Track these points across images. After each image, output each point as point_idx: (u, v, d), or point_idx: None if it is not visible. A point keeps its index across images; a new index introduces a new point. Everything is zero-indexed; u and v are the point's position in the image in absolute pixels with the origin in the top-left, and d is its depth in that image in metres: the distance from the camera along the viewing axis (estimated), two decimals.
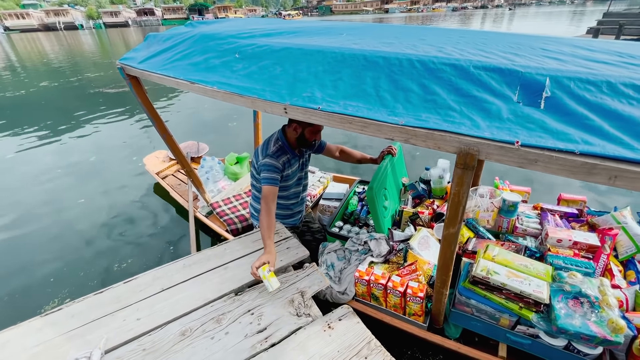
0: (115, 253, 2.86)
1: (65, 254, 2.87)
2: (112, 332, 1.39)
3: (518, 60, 1.13)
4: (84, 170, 4.47)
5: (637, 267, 1.62)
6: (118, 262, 2.75)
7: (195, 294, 1.58)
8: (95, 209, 3.53)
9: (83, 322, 1.43)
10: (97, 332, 1.39)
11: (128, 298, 1.55)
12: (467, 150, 0.98)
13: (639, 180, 0.80)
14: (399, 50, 1.31)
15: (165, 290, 1.60)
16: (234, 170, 3.27)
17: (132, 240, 3.01)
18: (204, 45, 1.80)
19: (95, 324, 1.43)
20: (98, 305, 1.51)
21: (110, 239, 3.05)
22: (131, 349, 1.33)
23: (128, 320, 1.45)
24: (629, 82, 0.94)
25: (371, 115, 1.14)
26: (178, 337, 1.38)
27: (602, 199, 3.32)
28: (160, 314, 1.47)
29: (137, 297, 1.56)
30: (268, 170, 1.80)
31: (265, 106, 1.38)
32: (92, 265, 2.73)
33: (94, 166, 4.58)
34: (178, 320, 1.45)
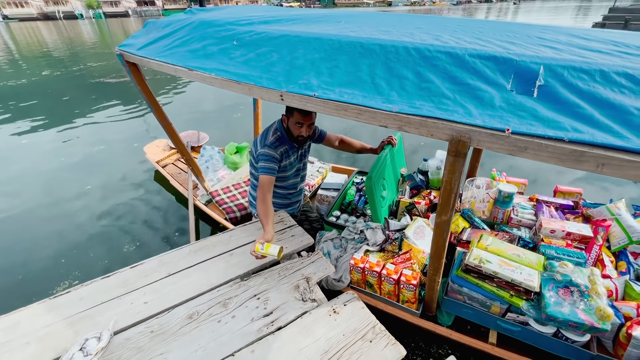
0: (120, 239, 2.90)
1: (73, 239, 2.92)
2: (120, 314, 1.41)
3: (513, 49, 1.13)
4: (88, 158, 4.50)
5: (629, 258, 1.63)
6: (123, 247, 2.80)
7: (201, 279, 1.61)
8: (100, 196, 3.57)
9: (91, 304, 1.46)
10: (106, 314, 1.41)
11: (135, 282, 1.58)
12: (459, 138, 0.99)
13: (625, 168, 0.81)
14: (396, 38, 1.31)
15: (171, 275, 1.62)
16: (234, 160, 3.28)
17: (135, 227, 3.05)
18: (202, 32, 1.80)
19: (104, 306, 1.45)
20: (106, 289, 1.54)
21: (115, 225, 3.09)
22: (139, 331, 1.35)
23: (135, 303, 1.47)
24: (622, 71, 0.94)
25: (366, 102, 1.15)
26: (185, 320, 1.40)
27: (599, 192, 3.32)
28: (167, 298, 1.50)
29: (144, 281, 1.59)
30: (265, 160, 1.81)
31: (261, 93, 1.39)
32: (99, 250, 2.77)
33: (97, 155, 4.61)
34: (185, 304, 1.48)
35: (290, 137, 1.90)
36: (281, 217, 2.10)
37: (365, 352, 1.27)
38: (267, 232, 1.66)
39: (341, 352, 1.27)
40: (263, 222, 1.72)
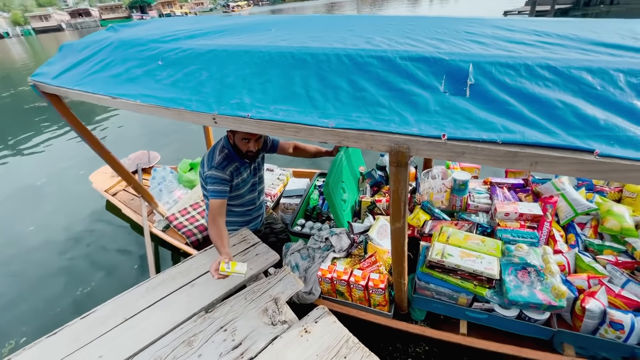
0: (72, 283, 2.65)
1: (16, 288, 2.64)
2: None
3: (443, 47, 1.11)
4: (30, 194, 4.11)
5: (576, 230, 1.72)
6: (76, 292, 2.56)
7: (162, 318, 1.49)
8: (46, 236, 3.26)
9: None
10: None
11: (87, 335, 1.43)
12: (398, 149, 0.96)
13: (555, 164, 0.81)
14: (327, 44, 1.25)
15: (128, 320, 1.49)
16: (189, 178, 3.12)
17: (88, 266, 2.81)
18: (124, 53, 1.64)
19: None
20: (52, 348, 1.38)
21: (65, 267, 2.83)
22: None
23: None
24: (544, 64, 0.94)
25: (302, 119, 1.09)
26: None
27: None
28: (126, 347, 1.37)
29: (98, 332, 1.44)
30: (214, 182, 1.70)
31: (192, 117, 1.28)
32: (48, 299, 2.52)
33: (39, 189, 4.21)
34: (146, 350, 1.36)
35: (239, 153, 1.80)
36: (243, 235, 2.01)
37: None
38: (226, 254, 1.56)
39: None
40: (218, 245, 1.61)
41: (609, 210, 1.64)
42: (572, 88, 0.89)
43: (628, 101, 0.84)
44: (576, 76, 0.90)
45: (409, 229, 1.99)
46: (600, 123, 0.82)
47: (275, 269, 1.79)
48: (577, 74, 0.90)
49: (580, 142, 0.80)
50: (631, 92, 0.85)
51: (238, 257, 1.79)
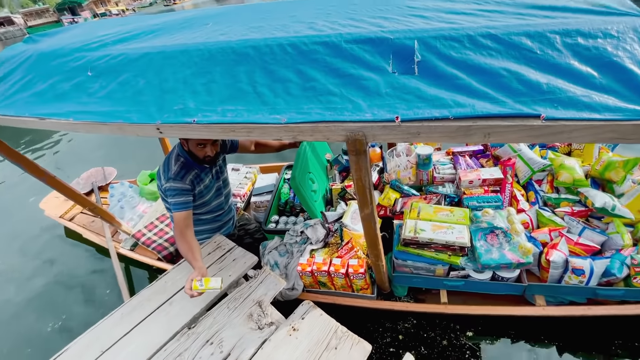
0: (41, 319, 2.47)
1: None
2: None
3: (387, 25, 1.08)
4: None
5: (535, 187, 1.81)
6: (46, 328, 2.39)
7: (143, 343, 1.41)
8: (6, 274, 3.00)
9: None
10: None
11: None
12: (354, 137, 0.93)
13: (507, 133, 0.82)
14: (269, 34, 1.18)
15: (106, 352, 1.40)
16: (151, 190, 2.95)
17: (57, 299, 2.61)
18: (46, 67, 1.47)
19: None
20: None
21: (32, 304, 2.62)
22: None
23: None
24: (486, 32, 0.94)
25: (252, 118, 1.03)
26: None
27: None
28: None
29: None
30: (175, 194, 1.60)
31: (135, 130, 1.18)
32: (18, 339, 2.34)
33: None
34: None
35: (196, 160, 1.70)
36: (217, 242, 1.93)
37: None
38: (199, 268, 1.49)
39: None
40: (189, 259, 1.54)
41: (561, 165, 1.73)
42: (514, 55, 0.90)
43: (566, 62, 0.85)
44: (516, 42, 0.91)
45: (382, 210, 2.01)
46: (544, 87, 0.83)
47: (254, 271, 1.74)
48: (517, 40, 0.91)
49: (527, 108, 0.81)
50: (567, 52, 0.86)
51: (214, 266, 1.72)
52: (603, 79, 0.82)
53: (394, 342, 1.82)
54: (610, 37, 0.86)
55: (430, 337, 1.79)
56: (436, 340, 1.77)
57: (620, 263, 1.39)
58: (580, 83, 0.83)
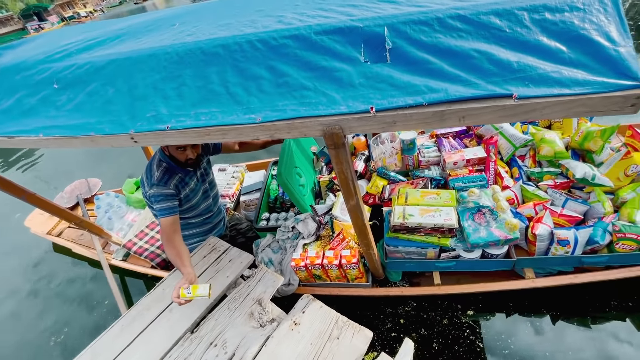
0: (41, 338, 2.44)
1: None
2: None
3: (356, 13, 1.06)
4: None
5: (518, 163, 1.84)
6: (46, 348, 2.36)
7: (146, 352, 1.41)
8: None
9: None
10: None
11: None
12: (331, 131, 0.92)
13: (482, 115, 0.82)
14: (238, 31, 1.15)
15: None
16: (138, 198, 2.90)
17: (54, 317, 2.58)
18: (9, 82, 1.41)
19: None
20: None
21: (29, 324, 2.59)
22: None
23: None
24: (455, 14, 0.93)
25: (227, 119, 1.01)
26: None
27: None
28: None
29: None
30: (160, 200, 1.57)
31: (108, 142, 1.15)
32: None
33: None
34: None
35: (178, 164, 1.68)
36: (212, 244, 1.92)
37: (336, 351, 1.26)
38: (188, 274, 1.47)
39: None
40: (178, 265, 1.52)
41: (542, 139, 1.75)
42: (484, 34, 0.89)
43: (534, 38, 0.85)
44: (485, 21, 0.90)
45: (371, 198, 2.02)
46: (514, 66, 0.83)
47: (250, 270, 1.74)
48: (485, 19, 0.90)
49: (499, 88, 0.81)
50: (536, 28, 0.86)
51: (211, 268, 1.72)
52: (572, 53, 0.82)
53: (395, 327, 1.86)
54: (577, 9, 0.86)
55: (430, 318, 1.83)
56: (436, 320, 1.81)
57: (602, 230, 1.43)
58: (550, 59, 0.83)
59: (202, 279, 1.66)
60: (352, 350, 1.25)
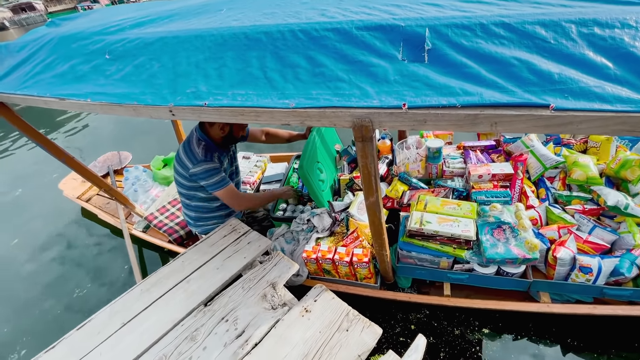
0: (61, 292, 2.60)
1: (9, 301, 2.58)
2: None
3: (399, 13, 1.07)
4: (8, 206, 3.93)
5: (546, 184, 1.78)
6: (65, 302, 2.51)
7: (161, 318, 1.47)
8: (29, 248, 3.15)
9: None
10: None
11: (86, 345, 1.40)
12: (361, 123, 0.94)
13: (515, 123, 0.81)
14: (281, 20, 1.19)
15: (127, 324, 1.47)
16: (164, 175, 3.02)
17: (75, 275, 2.73)
18: (66, 49, 1.52)
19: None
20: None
21: (52, 278, 2.75)
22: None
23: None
24: (499, 21, 0.93)
25: (261, 102, 1.05)
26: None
27: None
28: (128, 351, 1.35)
29: (97, 340, 1.41)
30: (210, 175, 1.69)
31: (149, 112, 1.22)
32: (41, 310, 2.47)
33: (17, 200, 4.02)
34: (149, 351, 1.35)
35: (216, 143, 1.77)
36: (233, 225, 1.98)
37: (344, 342, 1.28)
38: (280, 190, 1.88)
39: (321, 350, 1.26)
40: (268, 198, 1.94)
41: (575, 162, 1.69)
42: (526, 44, 0.89)
43: (580, 52, 0.84)
44: (530, 31, 0.89)
45: (389, 201, 2.02)
46: (555, 77, 0.82)
47: (265, 256, 1.78)
48: (531, 29, 0.89)
49: (536, 98, 0.80)
50: (583, 42, 0.84)
51: (230, 248, 1.78)
52: (618, 69, 0.80)
53: (405, 331, 1.84)
54: (629, 27, 0.84)
55: (441, 328, 1.80)
56: (447, 330, 1.78)
57: (630, 263, 1.36)
58: (594, 74, 0.81)
59: (220, 257, 1.73)
60: (361, 344, 1.26)
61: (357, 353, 1.24)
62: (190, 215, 2.00)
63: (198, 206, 1.97)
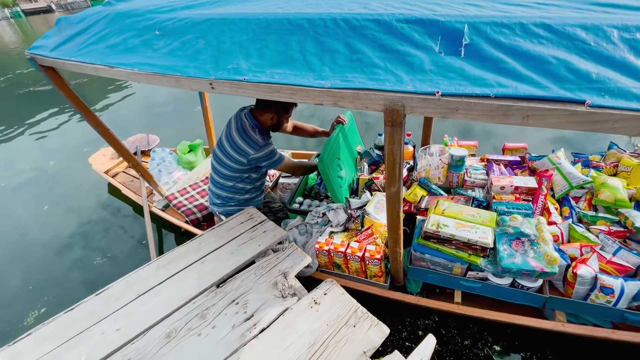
0: (82, 259, 2.72)
1: (29, 270, 2.69)
2: (90, 348, 1.30)
3: (439, 10, 1.11)
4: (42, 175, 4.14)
5: (571, 203, 1.74)
6: (85, 268, 2.63)
7: (174, 293, 1.52)
8: (58, 215, 3.32)
9: (57, 343, 1.32)
10: (75, 351, 1.29)
11: (103, 310, 1.46)
12: (392, 107, 0.97)
13: (547, 117, 0.82)
14: (324, 10, 1.25)
15: (142, 296, 1.52)
16: (188, 160, 3.13)
17: (96, 248, 2.84)
18: (120, 24, 1.64)
19: (71, 343, 1.33)
20: (71, 323, 1.40)
21: (76, 245, 2.89)
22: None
23: (107, 332, 1.36)
24: (540, 22, 0.95)
25: (298, 81, 1.09)
26: (163, 340, 1.32)
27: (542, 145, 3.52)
28: (141, 320, 1.40)
29: (113, 307, 1.47)
30: (271, 155, 1.87)
31: (190, 83, 1.29)
32: (63, 273, 2.59)
33: (49, 170, 4.24)
34: (161, 323, 1.39)
35: (265, 129, 1.91)
36: (250, 213, 2.03)
37: (350, 337, 1.27)
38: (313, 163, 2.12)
39: (327, 342, 1.26)
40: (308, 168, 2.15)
41: (603, 183, 1.65)
42: (565, 44, 0.90)
43: (620, 55, 0.84)
44: (570, 33, 0.91)
45: (406, 205, 2.02)
46: (592, 76, 0.82)
47: (280, 245, 1.81)
48: (571, 30, 0.91)
49: (571, 94, 0.81)
50: (624, 46, 0.85)
51: (245, 235, 1.82)
52: None
53: (411, 336, 1.82)
54: None
55: (450, 336, 1.77)
56: (455, 339, 1.75)
57: None
58: (634, 76, 0.81)
59: (236, 242, 1.78)
60: (367, 341, 1.25)
61: (362, 349, 1.24)
62: (222, 195, 2.06)
63: (236, 188, 2.02)
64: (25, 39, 19.34)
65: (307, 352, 1.24)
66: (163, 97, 6.42)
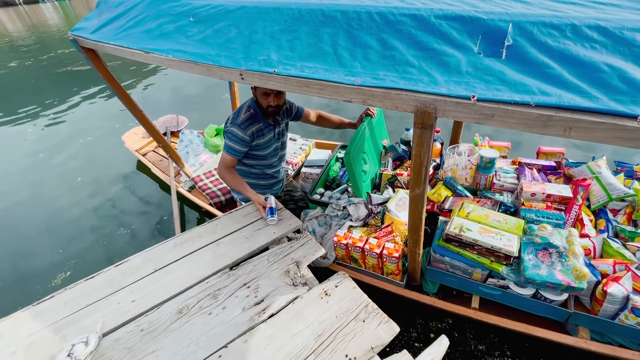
0: (106, 231, 2.90)
1: (57, 239, 2.89)
2: (107, 315, 1.39)
3: (482, 6, 1.05)
4: (71, 151, 4.38)
5: (608, 216, 1.64)
6: (108, 239, 2.81)
7: (189, 272, 1.58)
8: (90, 188, 3.54)
9: (77, 308, 1.42)
10: (93, 317, 1.38)
11: (121, 281, 1.55)
12: (424, 109, 0.94)
13: (593, 130, 0.77)
14: (359, 2, 1.21)
15: (158, 271, 1.59)
16: (215, 143, 3.20)
17: (121, 220, 3.01)
18: (157, 9, 1.66)
19: (90, 309, 1.42)
20: (91, 290, 1.50)
21: (102, 217, 3.08)
22: (129, 330, 1.33)
23: (123, 302, 1.44)
24: (594, 24, 0.87)
25: (328, 76, 1.08)
26: (175, 316, 1.38)
27: (582, 150, 3.30)
28: (155, 294, 1.47)
29: (130, 279, 1.55)
30: (232, 139, 1.78)
31: (221, 73, 1.30)
32: (84, 248, 2.76)
33: (80, 147, 4.48)
34: (174, 299, 1.46)
35: (263, 114, 1.84)
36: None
37: (358, 332, 1.28)
38: (256, 197, 1.83)
39: (335, 334, 1.28)
40: (241, 190, 1.86)
41: None
42: (622, 51, 0.83)
43: None
44: (629, 38, 0.83)
45: (429, 204, 1.97)
46: None
47: (294, 235, 1.84)
48: (629, 35, 0.83)
49: (623, 107, 0.75)
50: None
51: (262, 221, 1.85)
52: None
53: (421, 336, 1.81)
54: None
55: (462, 341, 1.75)
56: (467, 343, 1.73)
57: None
58: None
59: (251, 228, 1.81)
60: (375, 337, 1.26)
61: (370, 345, 1.24)
62: None
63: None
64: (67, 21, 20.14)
65: (315, 342, 1.25)
66: (194, 80, 6.55)
